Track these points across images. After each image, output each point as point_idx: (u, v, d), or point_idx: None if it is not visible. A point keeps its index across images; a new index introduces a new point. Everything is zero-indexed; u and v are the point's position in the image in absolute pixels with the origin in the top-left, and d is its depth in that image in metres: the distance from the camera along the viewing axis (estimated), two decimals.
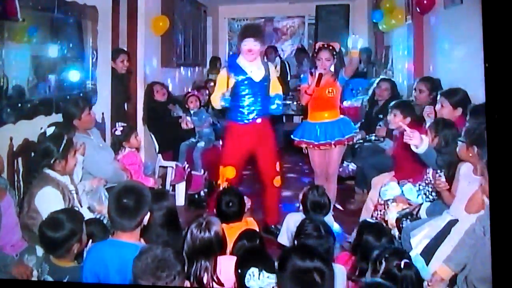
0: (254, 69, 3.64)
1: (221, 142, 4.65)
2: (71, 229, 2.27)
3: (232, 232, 2.56)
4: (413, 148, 2.90)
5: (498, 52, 1.31)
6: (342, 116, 4.08)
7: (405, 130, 2.93)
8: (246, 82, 3.62)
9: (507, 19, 1.30)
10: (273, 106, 3.76)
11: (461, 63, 4.17)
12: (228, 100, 3.65)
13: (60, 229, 2.25)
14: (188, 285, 2.08)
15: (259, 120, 3.68)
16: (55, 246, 2.27)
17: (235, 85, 3.63)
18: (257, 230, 2.83)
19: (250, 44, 3.56)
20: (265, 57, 7.56)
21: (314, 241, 2.26)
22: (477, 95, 3.33)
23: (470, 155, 2.54)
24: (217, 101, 3.70)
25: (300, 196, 3.09)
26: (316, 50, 3.93)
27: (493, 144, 1.35)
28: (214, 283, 2.12)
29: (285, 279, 1.66)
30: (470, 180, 2.57)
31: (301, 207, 3.09)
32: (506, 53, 1.30)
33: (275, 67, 7.20)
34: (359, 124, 4.89)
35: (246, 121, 3.67)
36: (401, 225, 2.94)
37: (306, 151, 4.12)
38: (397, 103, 3.89)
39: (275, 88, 3.78)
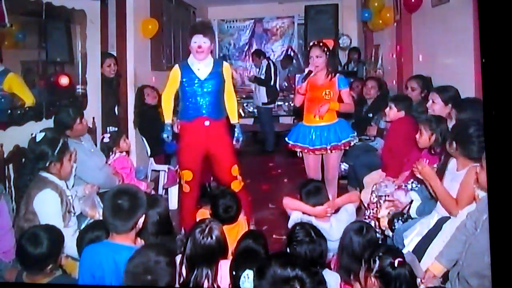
0: (201, 66, 3.50)
1: None
2: (51, 249, 2.22)
3: (226, 232, 2.50)
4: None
5: (495, 47, 1.30)
6: (339, 118, 3.84)
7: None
8: (192, 80, 3.49)
9: (502, 14, 1.30)
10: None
11: (450, 60, 4.20)
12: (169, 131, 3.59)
13: (40, 246, 2.19)
14: None
15: (207, 122, 3.51)
16: (32, 263, 2.22)
17: (181, 83, 3.53)
18: (249, 228, 2.86)
19: (200, 40, 3.42)
20: (252, 62, 7.57)
21: (307, 246, 2.24)
22: (467, 91, 3.36)
23: (452, 151, 2.58)
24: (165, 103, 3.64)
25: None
26: (308, 48, 3.86)
27: (491, 140, 1.35)
28: None
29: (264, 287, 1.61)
30: (452, 177, 2.60)
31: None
32: (503, 48, 1.29)
33: (260, 70, 7.25)
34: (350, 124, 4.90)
35: (191, 121, 3.53)
36: (393, 227, 2.95)
37: (300, 154, 3.92)
38: (394, 96, 3.88)
39: (232, 113, 3.68)
